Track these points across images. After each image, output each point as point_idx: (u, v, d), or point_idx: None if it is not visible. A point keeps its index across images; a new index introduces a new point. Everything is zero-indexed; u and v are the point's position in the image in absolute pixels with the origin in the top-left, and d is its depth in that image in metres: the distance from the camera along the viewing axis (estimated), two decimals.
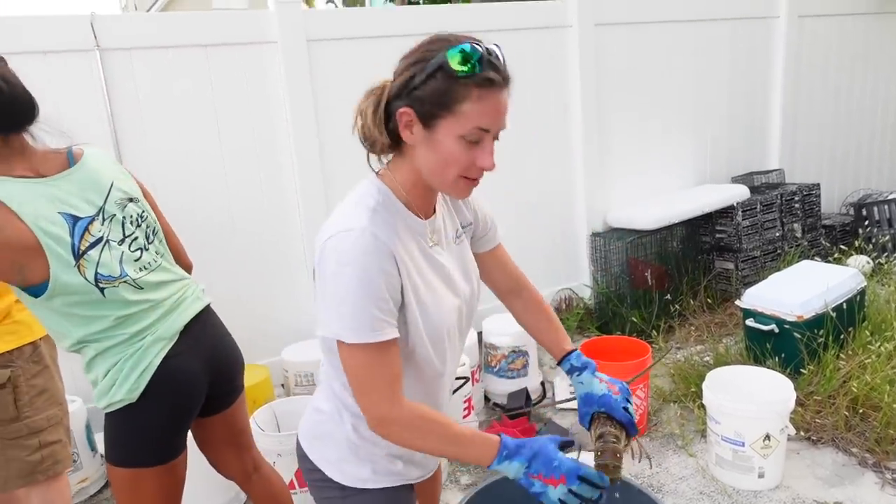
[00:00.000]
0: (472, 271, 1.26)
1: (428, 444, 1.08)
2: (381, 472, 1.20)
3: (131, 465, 1.54)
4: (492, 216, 1.35)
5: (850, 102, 5.16)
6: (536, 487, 1.07)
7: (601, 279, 4.01)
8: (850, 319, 3.00)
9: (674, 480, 2.53)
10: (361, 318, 1.02)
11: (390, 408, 1.05)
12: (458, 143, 1.04)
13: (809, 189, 4.39)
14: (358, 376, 1.06)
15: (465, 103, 1.01)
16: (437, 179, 1.09)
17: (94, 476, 2.72)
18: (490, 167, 1.07)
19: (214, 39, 3.03)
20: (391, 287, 1.05)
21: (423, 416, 1.07)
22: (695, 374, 3.05)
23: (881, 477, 2.43)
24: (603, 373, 1.32)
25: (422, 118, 1.04)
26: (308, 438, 1.25)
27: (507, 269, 1.40)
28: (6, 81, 1.36)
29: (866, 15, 5.02)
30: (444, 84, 1.01)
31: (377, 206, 1.08)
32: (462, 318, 1.22)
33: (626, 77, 4.11)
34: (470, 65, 1.00)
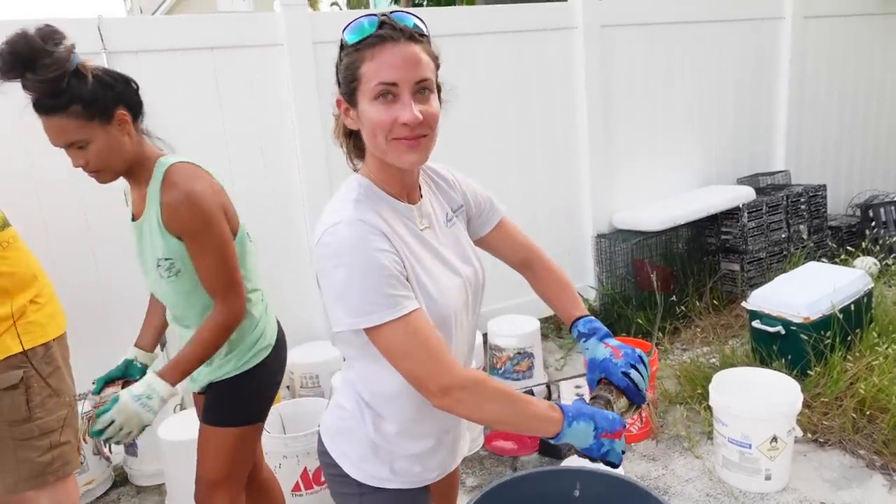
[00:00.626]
0: (471, 252, 1.26)
1: (497, 409, 1.05)
2: (399, 472, 1.20)
3: (244, 423, 1.71)
4: (486, 195, 1.34)
5: (856, 103, 5.14)
6: (605, 446, 1.08)
7: (606, 280, 4.00)
8: (857, 321, 2.99)
9: (680, 482, 2.53)
10: (376, 299, 1.01)
11: (447, 374, 1.02)
12: (373, 106, 1.04)
13: (815, 190, 4.38)
14: (399, 356, 1.03)
15: (363, 66, 1.04)
16: (377, 151, 1.09)
17: (101, 478, 2.73)
18: (410, 119, 1.02)
19: (221, 42, 3.04)
20: (394, 262, 1.04)
21: (484, 378, 1.05)
22: (701, 376, 3.04)
23: (889, 479, 2.42)
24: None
25: (348, 100, 1.08)
26: (329, 434, 1.25)
27: (516, 244, 1.38)
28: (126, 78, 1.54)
29: (872, 15, 5.00)
30: (348, 59, 1.06)
31: (359, 197, 1.10)
32: (468, 297, 1.21)
33: (632, 78, 4.11)
34: (360, 32, 1.04)
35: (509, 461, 2.77)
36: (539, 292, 1.41)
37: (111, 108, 1.46)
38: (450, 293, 1.15)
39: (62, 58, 1.37)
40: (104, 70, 1.48)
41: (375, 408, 1.18)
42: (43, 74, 1.36)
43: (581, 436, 1.07)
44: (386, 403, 1.17)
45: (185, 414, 2.62)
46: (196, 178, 1.55)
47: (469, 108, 3.51)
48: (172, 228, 1.52)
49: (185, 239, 1.53)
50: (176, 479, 2.46)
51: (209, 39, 3.02)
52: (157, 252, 1.56)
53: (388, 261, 1.03)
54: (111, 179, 1.55)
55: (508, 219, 1.38)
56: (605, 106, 4.02)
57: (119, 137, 1.49)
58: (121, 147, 1.50)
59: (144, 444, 2.69)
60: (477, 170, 3.64)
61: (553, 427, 1.06)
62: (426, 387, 1.03)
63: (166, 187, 1.51)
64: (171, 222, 1.52)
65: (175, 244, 1.54)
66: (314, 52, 3.18)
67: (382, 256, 1.03)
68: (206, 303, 1.61)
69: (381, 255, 1.03)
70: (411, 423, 1.18)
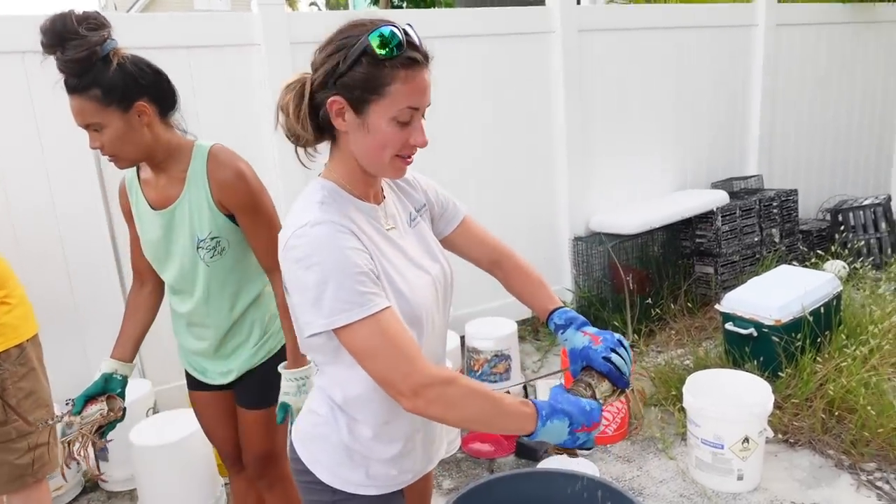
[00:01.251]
0: (437, 250, 1.26)
1: (469, 410, 1.03)
2: (374, 476, 1.19)
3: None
4: (445, 194, 1.35)
5: (827, 110, 5.25)
6: (581, 439, 1.08)
7: (583, 283, 4.03)
8: (826, 323, 3.05)
9: (654, 483, 2.55)
10: (347, 297, 1.00)
11: (419, 374, 1.00)
12: (390, 124, 1.05)
13: (787, 195, 4.46)
14: (370, 357, 1.02)
15: (393, 85, 1.03)
16: (372, 162, 1.10)
17: (71, 483, 2.68)
18: (424, 144, 1.09)
19: (197, 41, 3.01)
20: (365, 261, 1.04)
21: (455, 377, 1.03)
22: (675, 378, 3.07)
23: (856, 479, 2.47)
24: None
25: (353, 104, 1.05)
26: (302, 440, 1.23)
27: (483, 243, 1.38)
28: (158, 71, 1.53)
29: (842, 24, 5.12)
30: (371, 69, 1.03)
31: (324, 199, 1.09)
32: (438, 294, 1.21)
33: (609, 83, 4.15)
34: (391, 47, 1.02)
35: (486, 463, 2.77)
36: (512, 291, 1.41)
37: (131, 98, 1.47)
38: (420, 291, 1.15)
39: (92, 41, 1.40)
40: (135, 60, 1.49)
41: (349, 412, 1.17)
42: (70, 54, 1.39)
43: (556, 433, 1.06)
44: (359, 407, 1.16)
45: (157, 418, 2.58)
46: (237, 156, 1.61)
47: (447, 110, 3.51)
48: (227, 205, 1.56)
49: (240, 214, 1.58)
50: (148, 485, 2.42)
51: (185, 38, 2.98)
52: (201, 232, 1.57)
53: (359, 259, 1.03)
54: (126, 166, 1.57)
55: (473, 219, 1.39)
56: (582, 110, 4.05)
57: (137, 128, 1.49)
58: (136, 137, 1.50)
59: (115, 448, 2.64)
60: (455, 173, 3.66)
61: (528, 426, 1.06)
62: (397, 388, 1.01)
63: (215, 166, 1.56)
64: (226, 199, 1.56)
65: (223, 221, 1.58)
66: (292, 53, 3.16)
67: (353, 254, 1.03)
68: (238, 285, 1.66)
69: (351, 252, 1.03)
70: (384, 425, 1.18)
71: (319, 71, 1.07)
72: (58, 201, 2.85)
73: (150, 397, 2.79)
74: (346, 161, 1.13)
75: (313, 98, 1.08)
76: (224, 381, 1.73)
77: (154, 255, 1.66)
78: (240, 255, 1.63)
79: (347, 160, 1.13)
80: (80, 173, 2.87)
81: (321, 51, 1.08)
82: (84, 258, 2.93)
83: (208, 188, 1.55)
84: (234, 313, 1.66)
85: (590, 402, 1.10)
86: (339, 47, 1.05)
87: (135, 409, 2.69)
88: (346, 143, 1.11)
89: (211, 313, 1.66)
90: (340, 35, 1.06)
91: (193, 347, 1.74)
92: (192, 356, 1.77)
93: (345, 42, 1.04)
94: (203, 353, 1.73)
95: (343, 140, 1.11)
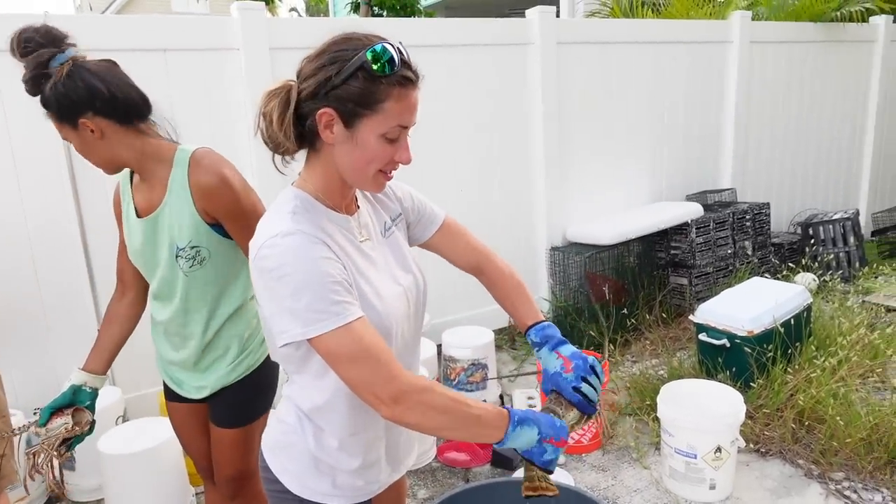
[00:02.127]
0: (411, 261, 1.26)
1: (445, 417, 1.03)
2: (341, 486, 1.19)
3: (263, 412, 1.70)
4: (422, 199, 1.35)
5: (799, 126, 5.38)
6: (549, 453, 1.09)
7: (560, 293, 4.06)
8: (797, 335, 3.11)
9: (628, 493, 2.57)
10: (322, 307, 1.00)
11: (397, 382, 1.00)
12: (379, 140, 1.06)
13: (760, 208, 4.55)
14: (347, 364, 1.01)
15: (386, 102, 1.04)
16: (356, 176, 1.11)
17: (35, 494, 2.61)
18: (408, 161, 1.11)
19: (174, 44, 2.98)
20: (338, 270, 1.04)
21: (432, 384, 1.04)
22: (650, 388, 3.10)
23: (825, 488, 2.51)
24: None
25: (343, 118, 1.05)
26: (270, 449, 1.23)
27: (466, 247, 1.37)
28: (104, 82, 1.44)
29: (814, 43, 5.25)
30: (366, 84, 1.03)
31: (296, 209, 1.08)
32: (409, 306, 1.21)
33: (587, 95, 4.20)
34: (388, 64, 1.03)
35: (461, 472, 2.76)
36: (494, 297, 1.41)
37: (74, 116, 1.43)
38: (391, 302, 1.15)
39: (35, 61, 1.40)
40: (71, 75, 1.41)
41: (316, 421, 1.16)
42: (25, 73, 1.41)
43: (524, 439, 1.08)
44: (325, 417, 1.15)
45: (126, 426, 2.52)
46: (222, 160, 1.55)
47: (426, 120, 3.51)
48: (211, 212, 1.51)
49: (227, 221, 1.52)
50: (116, 494, 2.37)
51: (162, 41, 2.95)
52: (180, 241, 1.52)
53: (331, 268, 1.03)
54: (111, 173, 1.56)
55: (454, 221, 1.38)
56: (560, 121, 4.09)
57: (91, 142, 1.46)
58: (95, 150, 1.48)
59: (83, 457, 2.59)
60: (434, 181, 3.66)
61: (498, 432, 1.06)
62: (376, 395, 1.01)
63: (197, 172, 1.50)
64: (209, 206, 1.50)
65: (205, 230, 1.52)
66: (271, 58, 3.14)
67: (326, 264, 1.02)
68: (217, 297, 1.60)
69: (324, 262, 1.02)
70: (350, 437, 1.17)
71: (310, 81, 1.05)
72: (28, 209, 2.80)
73: (119, 405, 2.74)
74: (324, 171, 1.12)
75: (299, 107, 1.07)
76: (198, 395, 1.68)
77: (140, 263, 1.62)
78: (221, 266, 1.57)
79: (326, 170, 1.12)
80: (51, 181, 2.82)
81: (311, 61, 1.07)
82: (54, 266, 2.87)
83: (190, 195, 1.49)
84: (212, 326, 1.61)
85: (560, 421, 1.13)
86: (333, 59, 1.04)
87: (104, 417, 2.63)
88: (329, 155, 1.10)
89: (188, 324, 1.62)
90: (334, 47, 1.05)
91: (170, 357, 1.69)
92: (169, 366, 1.72)
93: (339, 55, 1.04)
94: (180, 364, 1.68)
95: (325, 151, 1.10)
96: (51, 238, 2.85)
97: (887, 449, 2.55)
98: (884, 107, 5.78)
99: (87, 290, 2.95)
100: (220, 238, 1.55)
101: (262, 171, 3.20)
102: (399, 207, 1.30)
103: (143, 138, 1.51)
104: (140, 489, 2.34)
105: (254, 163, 3.21)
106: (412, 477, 2.72)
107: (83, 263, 2.92)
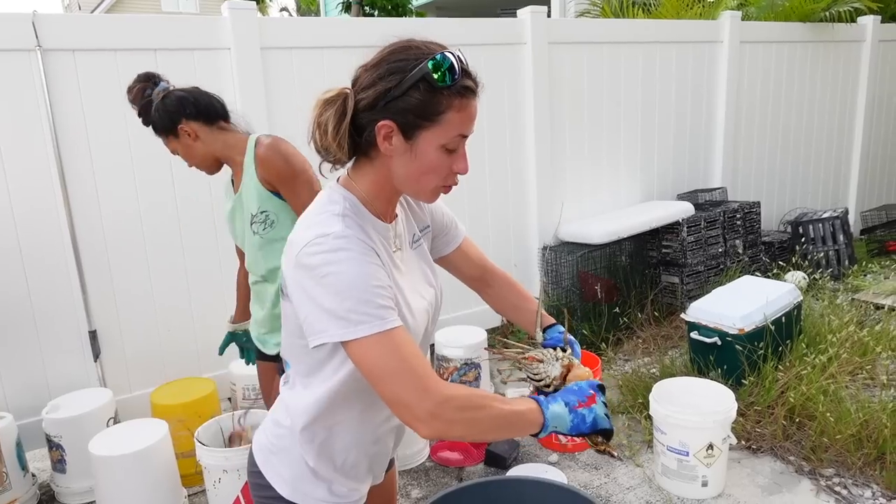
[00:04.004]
0: (432, 274, 1.25)
1: (489, 421, 1.00)
2: (337, 493, 1.16)
3: None
4: (451, 215, 1.34)
5: (788, 125, 5.42)
6: (587, 415, 1.07)
7: (552, 292, 4.07)
8: (787, 332, 3.13)
9: (621, 490, 2.58)
10: (367, 309, 0.97)
11: (436, 396, 0.96)
12: (439, 151, 1.04)
13: (750, 207, 4.57)
14: (382, 374, 0.97)
15: (447, 113, 1.02)
16: (414, 187, 1.09)
17: (25, 497, 2.59)
18: (466, 171, 1.09)
19: (165, 44, 2.97)
20: (385, 277, 1.02)
21: (468, 394, 1.00)
22: (642, 386, 3.11)
23: (816, 484, 2.53)
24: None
25: (403, 130, 1.02)
26: (264, 452, 1.19)
27: (474, 261, 1.38)
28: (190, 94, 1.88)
29: (803, 43, 5.29)
30: (427, 95, 1.01)
31: (345, 212, 1.05)
32: (429, 321, 1.21)
33: (578, 95, 4.21)
34: (451, 75, 1.01)
35: (455, 472, 2.77)
36: (499, 308, 1.41)
37: (173, 126, 1.84)
38: (419, 314, 1.14)
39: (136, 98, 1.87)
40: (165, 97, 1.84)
41: (315, 427, 1.13)
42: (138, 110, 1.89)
43: (559, 418, 1.05)
44: (325, 423, 1.13)
45: (117, 428, 2.51)
46: (277, 138, 1.86)
47: None
48: (269, 179, 1.81)
49: (281, 186, 1.81)
50: (108, 496, 2.35)
51: (152, 41, 2.94)
52: (252, 209, 1.85)
53: (380, 273, 1.01)
54: (211, 172, 1.96)
55: (470, 239, 1.39)
56: (551, 121, 4.10)
57: (190, 144, 1.87)
58: (193, 150, 1.88)
59: (73, 459, 2.57)
60: None
61: (538, 420, 1.04)
62: (409, 414, 0.97)
63: (258, 149, 1.83)
64: (266, 174, 1.81)
65: (267, 196, 1.83)
66: (262, 58, 3.14)
67: (375, 269, 1.00)
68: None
69: (373, 267, 1.00)
70: (350, 444, 1.15)
71: (368, 91, 1.03)
72: (15, 200, 2.77)
73: (111, 406, 2.72)
74: (375, 178, 1.09)
75: (355, 118, 1.04)
76: (275, 351, 1.96)
77: (232, 234, 2.01)
78: (287, 228, 1.81)
79: (378, 178, 1.09)
80: (38, 175, 2.80)
81: (368, 70, 1.04)
82: (42, 265, 2.85)
83: (254, 169, 1.82)
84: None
85: (576, 384, 1.12)
86: (393, 70, 1.02)
87: (95, 419, 2.62)
88: (384, 164, 1.07)
89: (265, 284, 1.93)
90: (393, 56, 1.03)
91: (257, 317, 2.00)
92: (255, 326, 2.02)
93: (399, 65, 1.02)
94: (262, 322, 1.97)
95: (380, 159, 1.07)
96: (38, 234, 2.83)
97: (877, 445, 2.57)
98: (871, 106, 5.83)
99: (77, 288, 2.93)
100: (282, 202, 1.84)
101: None
102: (429, 220, 1.28)
103: (225, 133, 1.90)
104: (132, 491, 2.32)
105: None
106: (405, 476, 2.72)
107: (72, 260, 2.90)
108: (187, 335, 3.22)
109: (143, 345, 3.12)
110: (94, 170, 2.90)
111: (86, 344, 2.97)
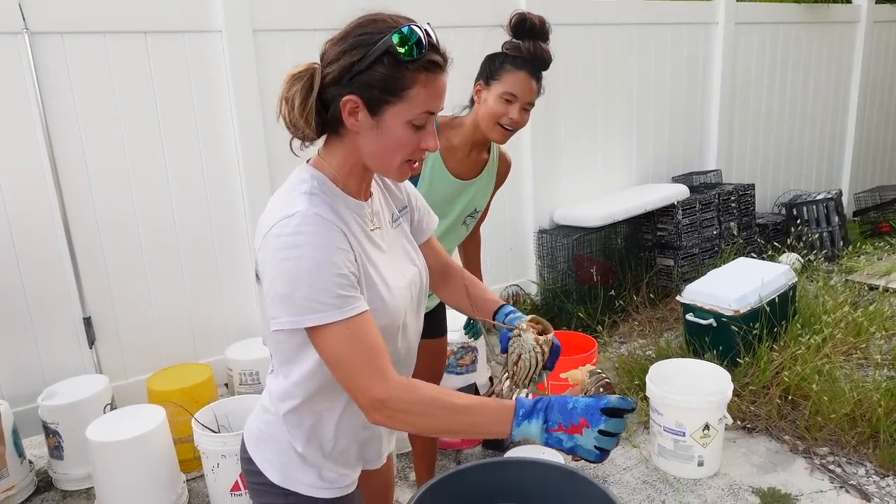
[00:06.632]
0: (414, 253, 1.24)
1: (436, 422, 0.99)
2: (327, 479, 1.16)
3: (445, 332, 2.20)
4: (425, 204, 1.33)
5: (783, 106, 5.41)
6: (565, 441, 0.95)
7: (548, 275, 4.07)
8: (782, 313, 3.14)
9: (618, 471, 2.60)
10: (323, 297, 0.96)
11: (381, 387, 0.96)
12: (405, 128, 1.02)
13: (745, 189, 4.58)
14: (336, 361, 0.98)
15: (413, 88, 0.99)
16: (381, 164, 1.07)
17: (22, 483, 2.58)
18: (435, 148, 1.06)
19: (155, 26, 2.92)
20: (348, 262, 1.00)
21: (422, 391, 0.98)
22: (638, 368, 3.13)
23: (810, 462, 2.55)
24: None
25: (368, 105, 1.00)
26: (253, 439, 1.19)
27: (439, 258, 1.37)
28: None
29: (798, 24, 5.27)
30: (391, 70, 0.98)
31: (313, 191, 1.04)
32: (413, 299, 1.19)
33: (573, 78, 4.19)
34: (417, 48, 0.98)
35: (453, 454, 2.78)
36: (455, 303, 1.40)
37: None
38: (398, 294, 1.12)
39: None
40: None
41: (302, 414, 1.12)
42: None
43: (533, 432, 0.97)
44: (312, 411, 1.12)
45: (114, 414, 2.51)
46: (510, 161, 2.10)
47: None
48: (499, 185, 2.07)
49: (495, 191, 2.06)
50: (106, 482, 2.35)
51: (143, 23, 2.89)
52: (480, 206, 2.00)
53: (342, 259, 0.99)
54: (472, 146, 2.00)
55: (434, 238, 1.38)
56: (546, 103, 4.07)
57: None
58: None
59: (71, 446, 2.57)
60: None
61: (503, 426, 0.98)
62: (357, 399, 0.99)
63: (503, 166, 2.05)
64: (500, 181, 2.06)
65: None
66: (254, 41, 3.10)
67: (337, 254, 0.98)
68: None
69: (335, 252, 0.98)
70: (338, 431, 1.14)
71: (333, 66, 1.01)
72: (5, 186, 2.74)
73: (107, 393, 2.71)
74: (345, 155, 1.07)
75: (322, 93, 1.02)
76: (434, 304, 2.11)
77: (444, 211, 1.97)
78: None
79: (347, 155, 1.07)
80: (28, 160, 2.76)
81: (335, 44, 1.02)
82: (36, 256, 2.83)
83: (495, 179, 2.01)
84: None
85: (579, 400, 0.98)
86: (358, 43, 0.99)
87: (92, 405, 2.61)
88: (352, 141, 1.05)
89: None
90: (359, 30, 1.01)
91: None
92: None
93: (364, 38, 0.99)
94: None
95: (348, 136, 1.05)
96: (33, 228, 2.80)
97: (870, 423, 2.59)
98: (866, 88, 5.83)
99: (72, 277, 2.91)
100: None
101: (246, 154, 3.17)
102: (406, 201, 1.27)
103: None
104: (129, 476, 2.32)
105: (238, 148, 3.17)
106: (403, 460, 2.73)
107: (65, 246, 2.88)
108: (183, 321, 3.21)
109: (138, 331, 3.10)
110: (84, 154, 2.86)
111: (81, 331, 2.96)
